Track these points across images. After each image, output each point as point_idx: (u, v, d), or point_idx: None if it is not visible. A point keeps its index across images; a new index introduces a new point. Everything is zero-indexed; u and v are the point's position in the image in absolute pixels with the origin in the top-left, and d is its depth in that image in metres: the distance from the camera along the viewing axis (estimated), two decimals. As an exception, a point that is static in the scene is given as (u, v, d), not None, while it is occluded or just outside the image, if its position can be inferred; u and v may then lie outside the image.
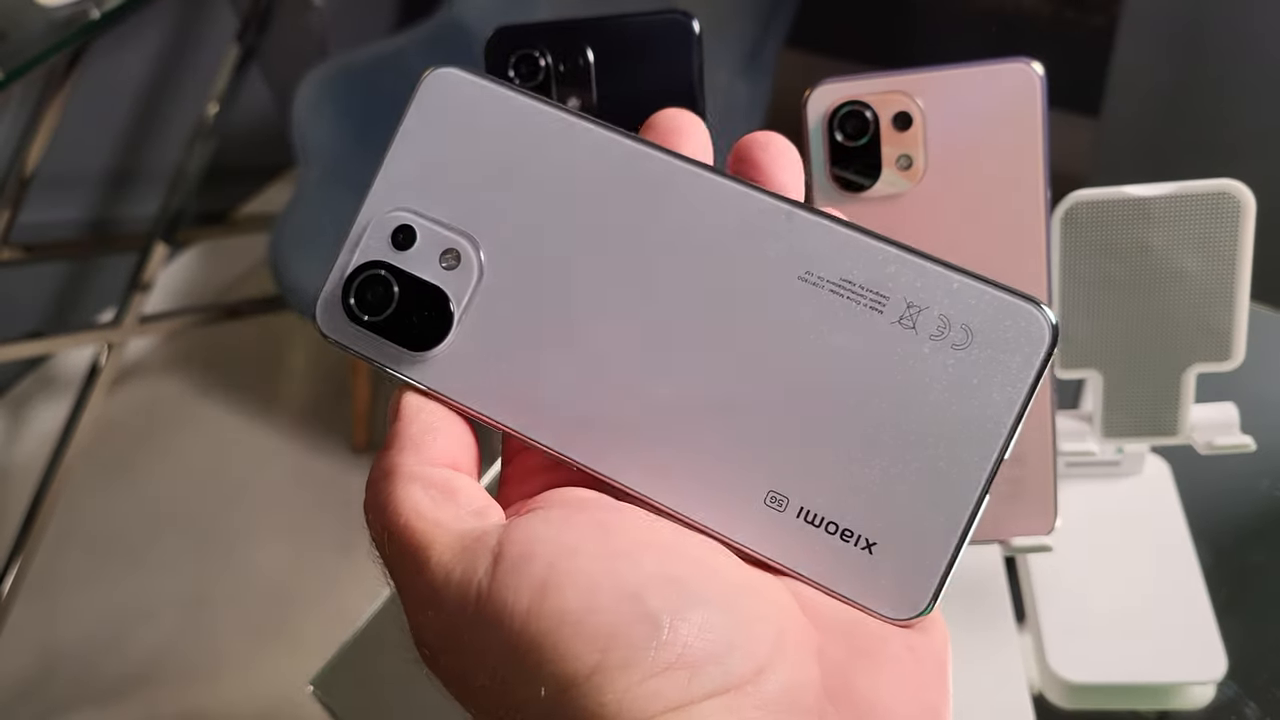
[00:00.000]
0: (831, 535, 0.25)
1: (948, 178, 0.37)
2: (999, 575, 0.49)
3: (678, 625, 0.22)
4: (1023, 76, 0.36)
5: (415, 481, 0.26)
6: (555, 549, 0.23)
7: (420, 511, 0.25)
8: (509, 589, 0.23)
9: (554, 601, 0.22)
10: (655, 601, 0.22)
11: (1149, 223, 0.42)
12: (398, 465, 0.26)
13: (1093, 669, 0.46)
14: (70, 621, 1.44)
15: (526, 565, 0.23)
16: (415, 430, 0.27)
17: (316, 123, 1.38)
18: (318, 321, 0.29)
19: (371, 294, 0.28)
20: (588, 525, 0.24)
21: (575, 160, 0.27)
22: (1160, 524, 0.51)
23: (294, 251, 1.33)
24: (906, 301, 0.25)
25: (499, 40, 0.38)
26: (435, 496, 0.25)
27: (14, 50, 1.16)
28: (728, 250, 0.26)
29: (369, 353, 0.28)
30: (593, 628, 0.22)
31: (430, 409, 0.27)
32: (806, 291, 0.25)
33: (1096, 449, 0.45)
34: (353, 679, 0.52)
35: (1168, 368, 0.44)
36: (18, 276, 1.54)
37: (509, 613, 0.22)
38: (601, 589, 0.22)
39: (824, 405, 0.25)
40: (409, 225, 0.28)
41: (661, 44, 0.38)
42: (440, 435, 0.27)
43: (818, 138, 0.38)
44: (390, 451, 0.27)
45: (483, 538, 0.24)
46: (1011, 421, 0.24)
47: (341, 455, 1.61)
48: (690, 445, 0.25)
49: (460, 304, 0.27)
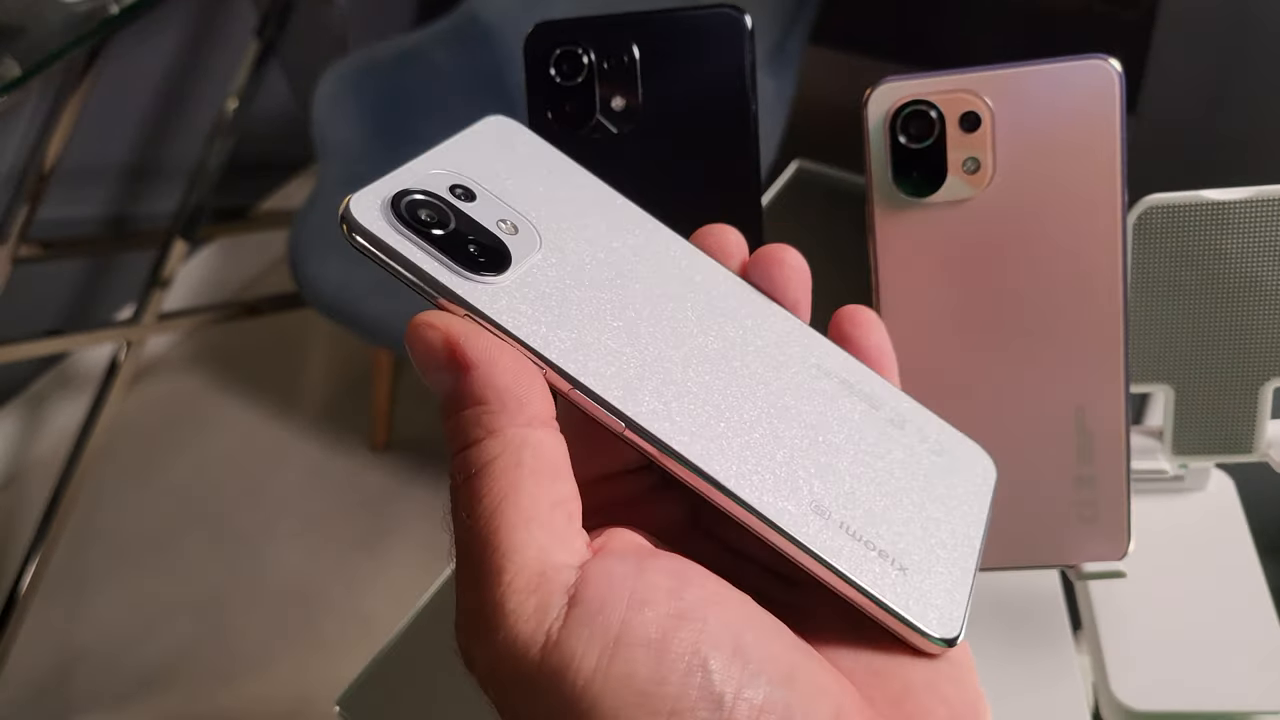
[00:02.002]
0: (870, 550, 0.25)
1: (1018, 182, 0.35)
2: (1057, 597, 0.47)
3: (739, 705, 0.21)
4: (1100, 74, 0.34)
5: (525, 448, 0.23)
6: (628, 600, 0.22)
7: (517, 497, 0.22)
8: (580, 640, 0.21)
9: (622, 665, 0.21)
10: (720, 676, 0.21)
11: (1225, 228, 0.39)
12: (502, 425, 0.23)
13: (1158, 697, 0.44)
14: (89, 621, 1.44)
15: (600, 618, 0.21)
16: (507, 379, 0.23)
17: (336, 119, 1.37)
18: (349, 213, 0.24)
19: (427, 214, 0.25)
20: (661, 574, 0.22)
21: (618, 224, 0.29)
22: (1225, 543, 0.48)
23: (313, 248, 1.31)
24: (895, 412, 0.28)
25: (539, 36, 0.36)
26: (539, 476, 0.23)
27: (33, 45, 1.15)
28: (758, 329, 0.28)
29: (414, 260, 0.24)
30: (658, 700, 0.21)
31: (507, 354, 0.24)
32: (822, 375, 0.28)
33: (1168, 467, 0.43)
34: (380, 698, 0.50)
35: (1243, 382, 0.42)
36: (37, 273, 1.53)
37: (575, 668, 0.21)
38: (671, 656, 0.21)
39: (845, 442, 0.27)
40: (468, 187, 0.27)
41: (711, 40, 0.36)
42: (533, 386, 0.24)
43: (879, 139, 0.35)
44: (488, 407, 0.23)
45: (561, 569, 0.22)
46: (980, 538, 0.27)
47: (360, 454, 1.60)
48: (743, 442, 0.25)
49: (519, 260, 0.26)
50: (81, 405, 1.52)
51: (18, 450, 1.62)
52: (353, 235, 0.24)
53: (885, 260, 0.36)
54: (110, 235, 1.66)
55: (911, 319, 0.36)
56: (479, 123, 0.29)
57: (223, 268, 1.83)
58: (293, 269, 1.32)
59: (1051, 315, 0.36)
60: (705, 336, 0.27)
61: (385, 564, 1.47)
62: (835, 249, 0.71)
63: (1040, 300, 0.35)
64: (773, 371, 0.27)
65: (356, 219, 0.24)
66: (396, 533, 1.50)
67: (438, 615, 0.53)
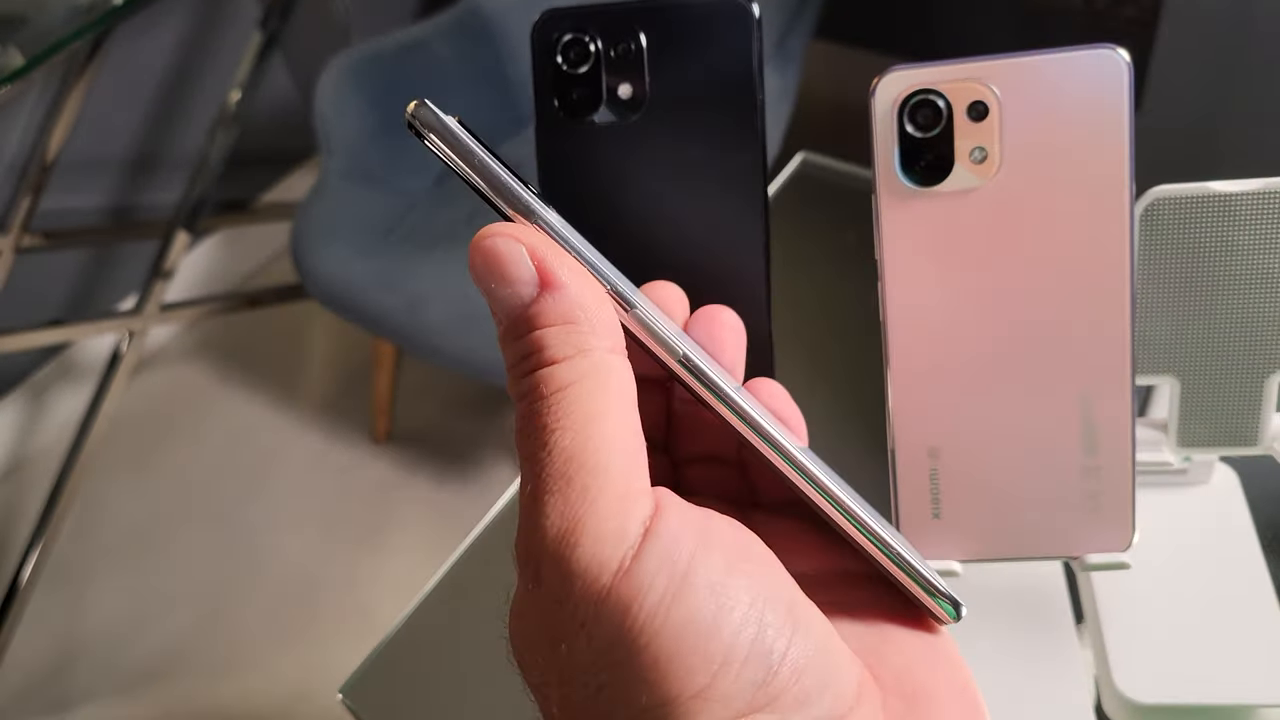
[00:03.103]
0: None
1: (1025, 172, 0.35)
2: (1060, 588, 0.47)
3: (784, 665, 0.21)
4: (1109, 64, 0.33)
5: (612, 375, 0.23)
6: (698, 540, 0.22)
7: (607, 418, 0.22)
8: (649, 572, 0.21)
9: (684, 608, 0.21)
10: (773, 631, 0.21)
11: (1234, 220, 0.39)
12: (591, 348, 0.23)
13: (1162, 689, 0.44)
14: (89, 611, 1.44)
15: (673, 550, 0.21)
16: (593, 303, 0.23)
17: (339, 111, 1.37)
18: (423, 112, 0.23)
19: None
20: (726, 525, 0.23)
21: None
22: (1229, 535, 0.48)
23: (315, 240, 1.31)
24: None
25: (546, 24, 0.36)
26: (625, 402, 0.23)
27: (36, 36, 1.15)
28: None
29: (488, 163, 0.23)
30: (713, 650, 0.21)
31: (589, 279, 0.23)
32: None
33: (1174, 459, 0.43)
34: (383, 687, 0.50)
35: (1249, 374, 0.42)
36: (39, 264, 1.53)
37: (640, 601, 0.21)
38: (730, 601, 0.21)
39: None
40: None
41: (719, 29, 0.36)
42: (612, 314, 0.24)
43: (885, 128, 0.35)
44: (576, 329, 0.23)
45: (640, 496, 0.22)
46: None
47: (362, 446, 1.60)
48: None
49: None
50: (83, 396, 1.52)
51: (19, 440, 1.62)
52: (425, 135, 0.24)
53: (891, 250, 0.36)
54: (112, 226, 1.66)
55: (917, 308, 0.36)
56: None
57: (225, 259, 1.83)
58: (295, 261, 1.32)
59: (1057, 306, 0.35)
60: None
61: (386, 556, 1.47)
62: (839, 241, 0.72)
63: (1046, 291, 0.35)
64: None
65: (432, 117, 0.23)
66: (397, 524, 1.50)
67: (440, 605, 0.53)
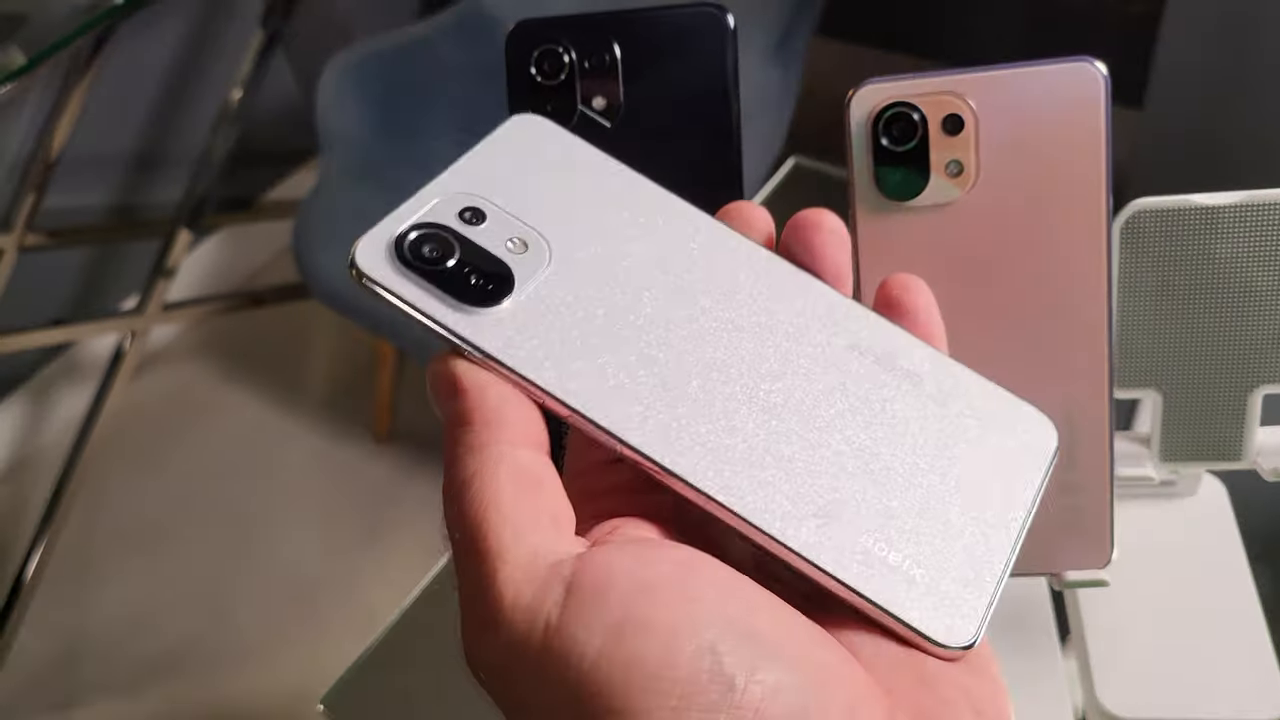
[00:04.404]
0: (880, 557, 0.25)
1: (1001, 185, 0.34)
2: (1044, 604, 0.47)
3: (751, 688, 0.20)
4: (1085, 77, 0.33)
5: (502, 464, 0.24)
6: (632, 587, 0.22)
7: (500, 504, 0.23)
8: (581, 627, 0.21)
9: (628, 649, 0.21)
10: (731, 659, 0.21)
11: (1216, 233, 0.39)
12: (483, 442, 0.24)
13: (1144, 705, 0.44)
14: (92, 609, 1.44)
15: (601, 602, 0.21)
16: (492, 403, 0.24)
17: (340, 109, 1.37)
18: (355, 260, 0.26)
19: (430, 248, 0.26)
20: (666, 562, 0.22)
21: (646, 221, 0.28)
22: (1216, 549, 0.48)
23: (317, 239, 1.31)
24: (938, 387, 0.27)
25: (520, 35, 0.36)
26: (520, 485, 0.23)
27: (38, 34, 1.15)
28: (784, 315, 0.27)
29: (413, 300, 0.25)
30: (668, 683, 0.20)
31: (496, 383, 0.25)
32: (854, 355, 0.27)
33: (1155, 474, 0.43)
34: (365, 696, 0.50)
35: (1232, 388, 0.41)
36: (41, 262, 1.53)
37: (579, 654, 0.21)
38: (679, 639, 0.21)
39: (870, 436, 0.26)
40: (479, 208, 0.27)
41: (693, 39, 0.36)
42: (519, 411, 0.25)
43: (861, 141, 0.35)
44: (471, 428, 0.24)
45: (558, 564, 0.22)
46: (1024, 515, 0.26)
47: (364, 445, 1.60)
48: (745, 448, 0.25)
49: (523, 282, 0.26)
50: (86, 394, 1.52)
51: (23, 439, 1.62)
52: (361, 281, 0.26)
53: (867, 263, 0.35)
54: (115, 224, 1.66)
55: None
56: (505, 125, 0.29)
57: (227, 258, 1.83)
58: (297, 259, 1.32)
59: (1035, 320, 0.35)
60: (715, 343, 0.27)
61: (388, 554, 1.47)
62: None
63: (1024, 304, 0.35)
64: (795, 365, 0.27)
65: (362, 266, 0.26)
66: (399, 523, 1.50)
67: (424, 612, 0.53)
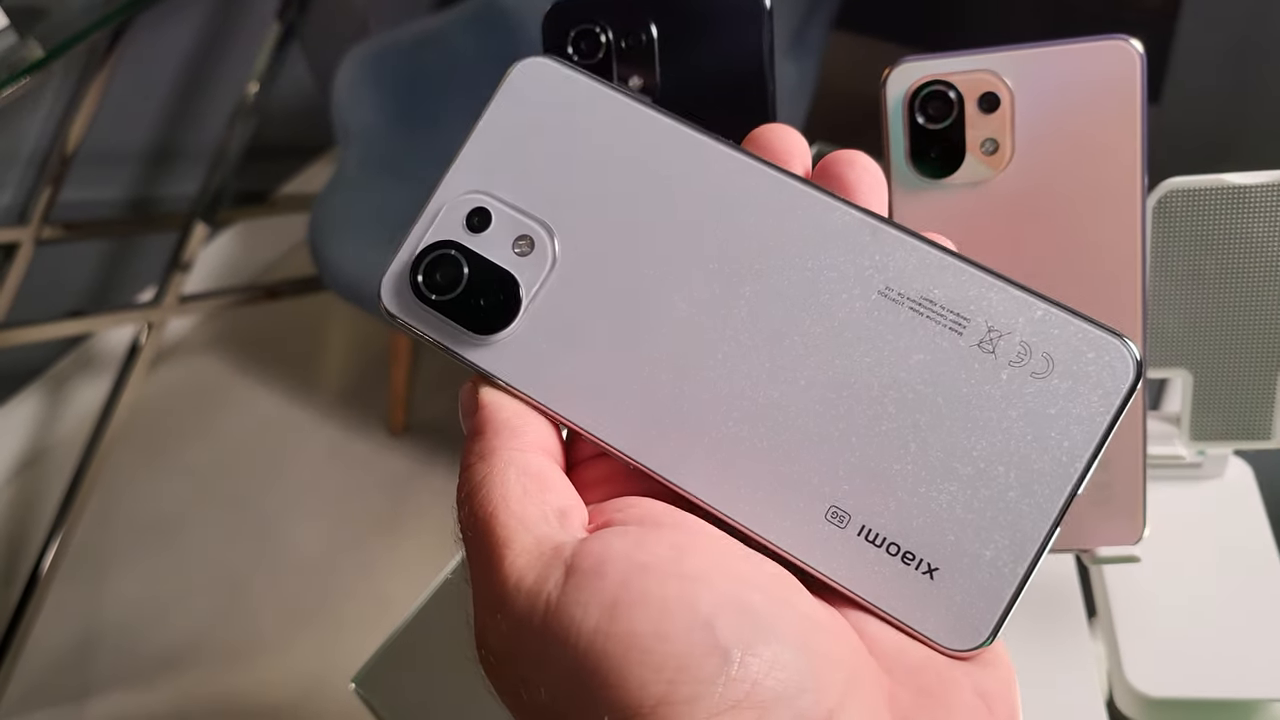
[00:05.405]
0: (892, 557, 0.24)
1: (1036, 164, 0.34)
2: (1072, 581, 0.47)
3: (748, 660, 0.21)
4: (1121, 55, 0.33)
5: (511, 467, 0.25)
6: (628, 566, 0.22)
7: (508, 501, 0.24)
8: (578, 605, 0.22)
9: (624, 623, 0.21)
10: (726, 632, 0.21)
11: (1247, 212, 0.39)
12: (494, 449, 0.26)
13: (1173, 683, 0.44)
14: (109, 600, 1.45)
15: (598, 581, 0.22)
16: (505, 416, 0.26)
17: (357, 102, 1.37)
18: (382, 298, 0.28)
19: (441, 274, 0.27)
20: (663, 544, 0.23)
21: (661, 160, 0.27)
22: (1243, 530, 0.48)
23: (333, 232, 1.32)
24: (988, 325, 0.24)
25: (557, 14, 0.36)
26: (527, 486, 0.25)
27: (55, 28, 1.16)
28: (810, 260, 0.25)
29: (433, 333, 0.27)
30: (661, 656, 0.21)
31: (512, 399, 0.27)
32: (887, 306, 0.25)
33: (1185, 452, 0.43)
34: (396, 677, 0.51)
35: (1263, 367, 0.41)
36: (59, 255, 1.54)
37: (575, 630, 0.22)
38: (673, 614, 0.21)
39: (895, 422, 0.24)
40: (485, 208, 0.28)
41: (730, 20, 0.36)
42: (532, 423, 0.26)
43: (897, 120, 0.35)
44: (484, 437, 0.26)
45: (559, 548, 0.23)
46: (1087, 457, 0.23)
47: (379, 437, 1.60)
48: (754, 452, 0.25)
49: (530, 291, 0.27)
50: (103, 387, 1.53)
51: (40, 431, 1.63)
52: (390, 318, 0.28)
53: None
54: (132, 218, 1.67)
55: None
56: (513, 71, 0.28)
57: (243, 251, 1.84)
58: (313, 252, 1.33)
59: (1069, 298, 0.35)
60: (743, 310, 0.25)
61: (402, 546, 1.47)
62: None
63: (1057, 283, 0.35)
64: (830, 325, 0.25)
65: (388, 305, 0.28)
66: (414, 515, 1.51)
67: (453, 595, 0.54)
